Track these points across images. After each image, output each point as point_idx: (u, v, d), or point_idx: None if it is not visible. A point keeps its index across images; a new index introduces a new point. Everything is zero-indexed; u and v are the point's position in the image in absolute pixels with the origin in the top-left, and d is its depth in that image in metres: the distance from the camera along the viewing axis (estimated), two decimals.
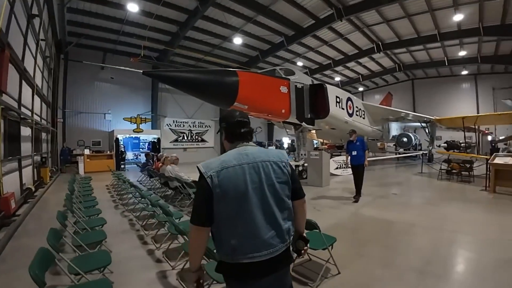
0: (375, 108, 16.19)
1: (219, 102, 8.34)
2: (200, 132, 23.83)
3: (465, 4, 14.75)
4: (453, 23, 16.80)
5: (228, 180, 1.45)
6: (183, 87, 6.90)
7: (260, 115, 10.10)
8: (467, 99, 25.74)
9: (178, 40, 17.77)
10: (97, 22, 15.86)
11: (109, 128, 18.88)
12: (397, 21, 17.35)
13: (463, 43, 19.54)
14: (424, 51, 21.89)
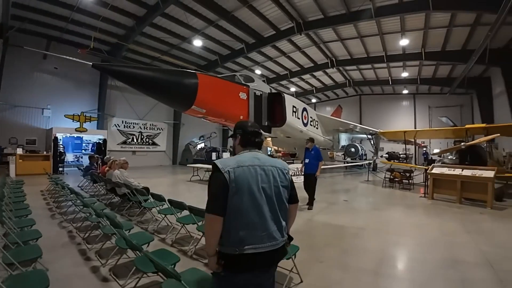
0: (327, 119, 17.12)
1: (175, 104, 7.95)
2: (151, 134, 22.56)
3: (412, 30, 16.50)
4: (399, 47, 18.66)
5: (243, 177, 1.67)
6: (138, 85, 6.32)
7: (217, 119, 9.98)
8: (406, 115, 28.92)
9: (133, 35, 16.79)
10: (45, 6, 14.22)
11: (47, 126, 16.84)
12: (350, 40, 18.71)
13: (406, 65, 21.81)
14: (372, 70, 23.98)
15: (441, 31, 16.11)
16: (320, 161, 7.90)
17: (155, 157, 22.53)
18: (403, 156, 22.22)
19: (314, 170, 7.75)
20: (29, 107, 16.52)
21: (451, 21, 14.98)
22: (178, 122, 23.69)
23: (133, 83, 6.27)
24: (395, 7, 14.06)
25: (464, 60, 17.04)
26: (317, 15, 15.91)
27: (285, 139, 14.63)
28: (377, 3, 14.16)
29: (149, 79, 6.38)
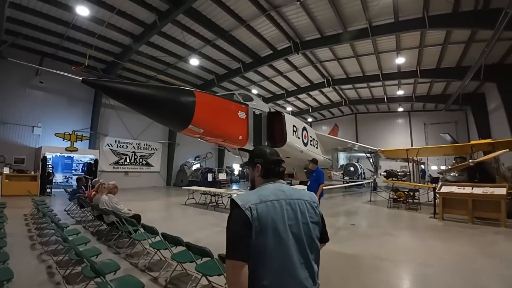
0: (326, 139, 16.75)
1: (171, 124, 7.29)
2: (145, 155, 21.79)
3: (407, 49, 16.62)
4: (395, 65, 18.77)
5: (267, 214, 1.43)
6: (131, 103, 5.58)
7: (215, 140, 9.43)
8: (402, 133, 28.97)
9: (129, 54, 16.55)
10: (40, 22, 13.92)
11: (37, 144, 16.07)
12: (346, 59, 18.79)
13: (401, 83, 21.98)
14: (367, 88, 24.10)
15: (436, 49, 16.25)
16: (320, 184, 7.36)
17: (148, 178, 21.66)
18: (401, 174, 22.02)
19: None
20: (19, 124, 15.75)
21: (446, 39, 15.13)
22: (173, 142, 23.05)
23: (125, 100, 5.59)
24: (391, 26, 14.12)
25: (459, 76, 17.15)
26: (314, 34, 15.96)
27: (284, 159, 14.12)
28: (374, 22, 14.24)
29: (143, 96, 5.71)
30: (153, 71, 18.73)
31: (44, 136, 16.33)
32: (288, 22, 15.06)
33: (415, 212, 10.83)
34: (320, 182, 7.35)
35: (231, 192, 12.57)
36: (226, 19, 14.57)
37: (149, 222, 5.91)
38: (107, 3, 12.95)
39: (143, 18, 14.26)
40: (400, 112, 29.21)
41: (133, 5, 13.15)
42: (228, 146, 11.58)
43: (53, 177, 15.21)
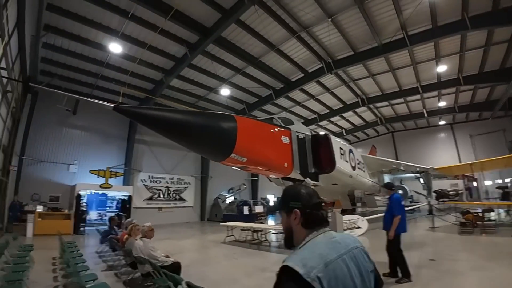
0: (372, 160, 15.00)
1: (211, 153, 6.08)
2: (178, 189, 20.93)
3: (447, 56, 15.17)
4: (434, 75, 17.21)
5: (336, 281, 1.13)
6: (165, 131, 4.71)
7: (259, 169, 8.15)
8: (446, 148, 26.05)
9: (161, 89, 16.48)
10: (75, 63, 14.22)
11: (72, 182, 15.73)
12: (381, 75, 17.60)
13: (441, 94, 20.05)
14: (404, 104, 22.30)
15: (478, 52, 14.69)
16: (396, 216, 5.85)
17: (182, 214, 20.58)
18: (453, 193, 19.62)
19: (388, 227, 5.84)
20: (55, 162, 15.58)
21: (488, 40, 13.62)
22: (206, 175, 22.18)
23: (159, 128, 4.54)
24: (429, 32, 12.93)
25: (504, 79, 15.44)
26: (347, 52, 15.07)
27: (331, 186, 12.57)
28: (410, 30, 13.13)
29: (179, 123, 4.64)
30: (185, 105, 18.46)
31: (79, 173, 16.04)
32: (319, 41, 14.33)
33: (495, 236, 8.95)
34: (395, 213, 5.85)
35: (275, 227, 11.07)
36: (255, 46, 14.12)
37: (188, 266, 4.66)
38: (138, 39, 13.01)
39: (174, 52, 14.21)
40: (441, 126, 26.59)
41: (164, 39, 13.12)
42: (272, 175, 10.22)
43: (86, 215, 14.56)
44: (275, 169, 7.77)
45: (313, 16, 12.56)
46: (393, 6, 11.92)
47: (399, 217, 5.88)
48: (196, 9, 11.81)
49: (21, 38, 9.96)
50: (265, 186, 26.14)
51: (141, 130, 18.83)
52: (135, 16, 11.74)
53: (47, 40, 12.28)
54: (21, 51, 10.76)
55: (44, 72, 14.27)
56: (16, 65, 11.06)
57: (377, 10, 12.26)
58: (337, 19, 12.77)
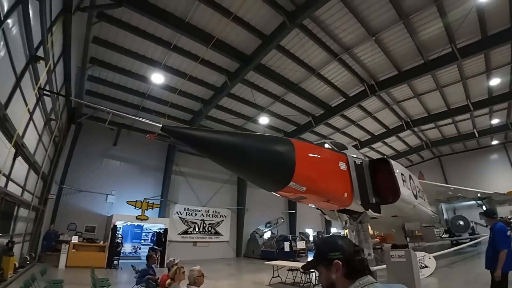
0: (430, 186, 12.95)
1: (267, 181, 4.89)
2: (214, 222, 19.74)
3: (498, 67, 13.72)
4: (485, 90, 15.60)
5: None
6: (216, 155, 3.92)
7: (318, 200, 6.82)
8: (501, 169, 22.97)
9: (199, 119, 16.26)
10: (118, 95, 14.54)
11: (109, 213, 15.24)
12: (427, 94, 16.25)
13: (493, 110, 17.93)
14: (452, 124, 20.22)
15: None
16: (502, 250, 4.51)
17: (217, 248, 19.16)
18: None
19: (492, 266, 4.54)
20: (94, 192, 15.28)
21: None
22: (242, 207, 20.90)
23: (210, 151, 3.66)
24: (479, 44, 11.77)
25: None
26: (391, 72, 14.10)
27: (389, 219, 10.74)
28: (459, 43, 12.02)
29: (232, 146, 3.77)
30: None
31: (116, 204, 15.55)
32: (360, 63, 13.58)
33: None
34: (500, 247, 4.54)
35: None
36: (296, 71, 13.68)
37: None
38: (179, 70, 13.11)
39: (213, 81, 14.13)
40: (494, 146, 23.71)
41: (204, 69, 13.12)
42: (331, 208, 8.72)
43: (121, 247, 13.71)
44: (335, 200, 6.35)
45: (355, 36, 11.96)
46: (440, 19, 11.04)
47: (505, 252, 4.48)
48: (236, 37, 11.74)
49: (67, 68, 10.16)
50: (303, 219, 24.22)
51: (178, 161, 18.55)
52: (177, 47, 11.87)
53: (93, 72, 12.71)
54: (67, 81, 11.01)
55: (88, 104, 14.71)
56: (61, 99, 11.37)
57: (423, 24, 11.42)
58: (380, 37, 12.05)
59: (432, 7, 10.56)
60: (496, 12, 10.55)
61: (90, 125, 15.50)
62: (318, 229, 24.90)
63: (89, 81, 12.86)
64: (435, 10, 10.67)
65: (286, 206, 24.28)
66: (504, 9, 10.41)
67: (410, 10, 10.69)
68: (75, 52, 10.12)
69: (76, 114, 14.25)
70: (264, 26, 11.32)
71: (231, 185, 21.30)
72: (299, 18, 10.53)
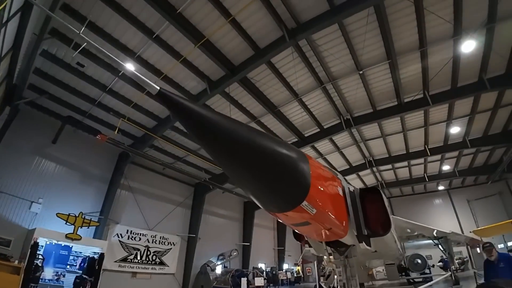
0: (400, 222, 12.91)
1: (281, 195, 3.39)
2: (160, 251, 16.49)
3: (458, 118, 15.16)
4: (441, 138, 17.11)
5: None
6: (225, 148, 2.44)
7: (319, 229, 5.46)
8: (445, 214, 24.99)
9: (163, 129, 14.24)
10: (73, 81, 11.62)
11: (31, 225, 11.44)
12: (393, 136, 17.12)
13: (444, 158, 19.65)
14: (407, 168, 21.60)
15: (486, 114, 14.89)
16: None
17: (160, 282, 15.87)
18: (459, 262, 18.44)
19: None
20: (15, 196, 11.38)
21: (497, 102, 13.87)
22: (194, 235, 18.17)
23: (218, 143, 2.28)
24: (448, 93, 12.91)
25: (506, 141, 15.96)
26: (367, 109, 14.59)
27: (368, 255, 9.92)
28: (431, 90, 13.01)
29: (250, 142, 2.42)
30: (185, 151, 16.05)
31: (43, 215, 11.81)
32: (341, 95, 13.80)
33: None
34: None
35: None
36: (280, 92, 13.17)
37: None
38: (155, 66, 11.40)
39: (190, 87, 12.71)
40: (438, 192, 25.99)
41: (184, 71, 11.71)
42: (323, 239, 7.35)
43: (41, 272, 9.96)
44: (336, 228, 5.24)
45: (344, 67, 12.10)
46: (420, 65, 11.86)
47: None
48: (229, 42, 10.79)
49: (21, 30, 7.88)
50: (256, 253, 22.40)
51: (128, 174, 15.67)
52: (160, 38, 10.32)
53: (49, 47, 10.17)
54: (16, 48, 8.47)
55: (33, 87, 11.49)
56: (4, 63, 8.61)
57: (406, 67, 12.12)
58: (366, 73, 12.37)
59: (416, 52, 11.26)
60: (469, 66, 11.70)
61: (29, 113, 12.10)
62: (271, 265, 23.15)
63: (42, 56, 10.16)
64: (418, 55, 11.42)
65: (241, 237, 22.26)
66: (476, 64, 11.62)
67: (398, 51, 11.17)
68: (36, 14, 7.90)
69: (16, 95, 10.94)
70: (261, 37, 10.66)
71: (184, 209, 18.76)
72: (299, 35, 10.17)
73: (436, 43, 10.75)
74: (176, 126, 14.70)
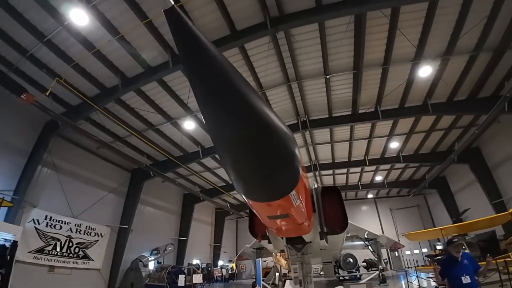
0: None
1: (277, 181, 2.67)
2: (84, 242, 14.02)
3: (399, 134, 17.01)
4: (379, 151, 19.04)
5: None
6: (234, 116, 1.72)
7: (294, 223, 5.08)
8: (371, 219, 27.82)
9: (106, 100, 12.30)
10: (3, 21, 8.81)
11: None
12: (340, 143, 18.25)
13: (378, 169, 21.95)
14: (345, 175, 23.49)
15: (421, 135, 17.12)
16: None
17: (83, 278, 13.55)
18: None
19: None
20: None
21: (432, 126, 16.04)
22: (127, 227, 16.03)
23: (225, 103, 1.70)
24: (396, 111, 14.43)
25: (432, 161, 18.63)
26: (323, 113, 15.20)
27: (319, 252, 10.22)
28: (383, 106, 14.28)
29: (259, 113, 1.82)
30: (128, 129, 14.09)
31: None
32: (303, 96, 14.05)
33: None
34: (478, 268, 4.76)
35: None
36: None
37: None
38: (112, 23, 9.54)
39: (148, 56, 11.07)
40: (367, 199, 29.04)
41: (147, 36, 10.10)
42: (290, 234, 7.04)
43: None
44: (306, 223, 5.11)
45: (314, 68, 12.33)
46: (379, 81, 12.89)
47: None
48: (205, 15, 9.85)
49: None
50: (192, 249, 21.30)
51: (54, 149, 12.90)
52: None
53: None
54: None
55: None
56: None
57: (367, 80, 12.94)
58: (332, 78, 12.83)
59: (379, 68, 12.16)
60: (418, 89, 13.20)
61: None
62: (206, 261, 22.28)
63: None
64: (380, 71, 12.34)
65: (177, 231, 20.83)
66: (424, 89, 13.19)
67: (365, 64, 11.77)
68: None
69: None
70: (241, 19, 10.09)
71: (117, 197, 16.56)
72: (280, 25, 9.92)
73: (398, 63, 11.78)
74: (123, 100, 12.88)
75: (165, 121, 14.48)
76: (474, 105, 13.27)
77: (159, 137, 15.66)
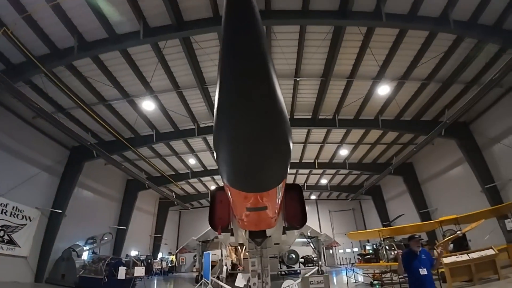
0: None
1: (273, 170, 2.51)
2: (10, 226, 11.81)
3: (348, 143, 18.64)
4: (328, 157, 20.56)
5: None
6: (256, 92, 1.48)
7: (269, 216, 5.06)
8: (311, 219, 28.71)
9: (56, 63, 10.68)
10: None
11: None
12: (294, 145, 18.80)
13: (324, 173, 23.68)
14: (294, 175, 24.61)
15: (366, 146, 19.06)
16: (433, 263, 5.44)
17: (6, 266, 11.51)
18: (316, 259, 20.64)
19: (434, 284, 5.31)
20: None
21: (378, 139, 18.03)
22: (60, 211, 14.08)
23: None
24: (352, 121, 15.84)
25: (373, 171, 20.85)
26: None
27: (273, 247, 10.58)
28: (340, 116, 15.42)
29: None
30: (75, 101, 12.50)
31: None
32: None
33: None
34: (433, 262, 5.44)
35: None
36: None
37: None
38: None
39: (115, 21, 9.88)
40: (309, 200, 30.65)
41: None
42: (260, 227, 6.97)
43: None
44: (274, 216, 5.33)
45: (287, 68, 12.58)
46: (342, 92, 13.89)
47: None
48: None
49: None
50: (131, 240, 19.85)
51: None
52: None
53: None
54: None
55: None
56: None
57: (331, 89, 13.64)
58: (301, 82, 13.21)
59: (344, 80, 13.11)
60: (373, 105, 14.69)
61: None
62: (145, 253, 20.93)
63: None
64: (345, 83, 13.31)
65: (116, 220, 19.16)
66: (378, 105, 14.79)
67: (334, 73, 12.46)
68: None
69: None
70: None
71: (52, 176, 14.50)
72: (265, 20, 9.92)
73: (361, 78, 12.91)
74: (75, 66, 11.32)
75: (120, 97, 13.20)
76: (417, 126, 15.50)
77: (110, 114, 14.22)
